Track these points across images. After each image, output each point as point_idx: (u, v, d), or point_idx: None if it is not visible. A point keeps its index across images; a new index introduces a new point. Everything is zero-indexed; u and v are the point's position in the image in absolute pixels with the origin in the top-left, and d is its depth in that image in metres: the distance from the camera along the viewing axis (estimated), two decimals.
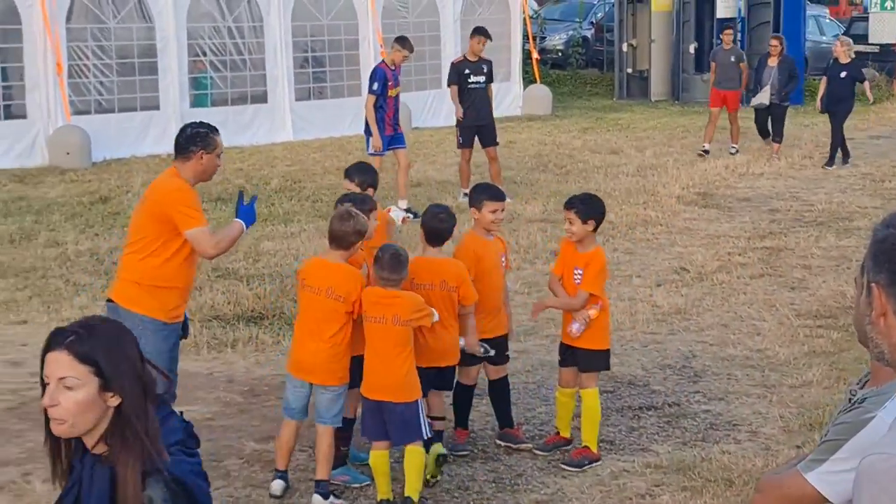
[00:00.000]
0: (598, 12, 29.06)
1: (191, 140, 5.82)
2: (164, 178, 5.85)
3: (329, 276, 5.77)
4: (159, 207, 5.69)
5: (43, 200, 13.31)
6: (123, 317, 5.56)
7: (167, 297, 5.74)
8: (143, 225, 5.71)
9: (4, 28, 15.44)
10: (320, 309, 5.74)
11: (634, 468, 6.23)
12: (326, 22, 18.51)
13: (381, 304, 5.67)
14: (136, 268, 5.72)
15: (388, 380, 5.68)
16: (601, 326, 6.39)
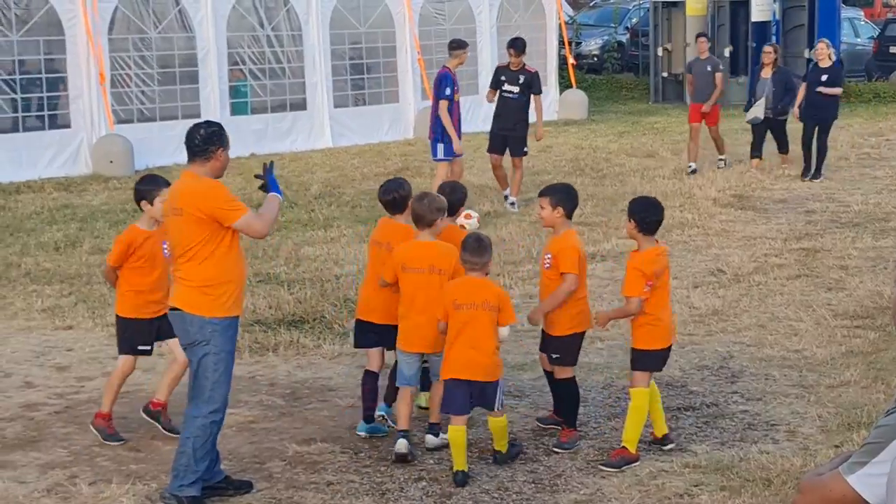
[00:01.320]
0: (633, 17, 29.03)
1: (209, 140, 5.85)
2: (190, 184, 5.84)
3: (428, 254, 6.41)
4: (202, 213, 5.74)
5: (87, 208, 13.51)
6: (190, 322, 5.76)
7: (227, 293, 5.85)
8: (189, 234, 5.76)
9: (48, 39, 15.70)
10: (428, 285, 6.37)
11: (673, 468, 6.25)
12: (364, 30, 18.66)
13: (472, 291, 6.16)
14: (198, 273, 5.78)
15: (479, 361, 6.17)
16: (649, 326, 6.44)
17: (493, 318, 6.15)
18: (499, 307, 6.16)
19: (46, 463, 6.46)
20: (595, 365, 7.96)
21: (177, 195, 5.86)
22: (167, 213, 5.96)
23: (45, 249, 11.51)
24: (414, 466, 6.33)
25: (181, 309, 5.79)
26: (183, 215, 5.75)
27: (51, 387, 7.72)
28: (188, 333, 5.80)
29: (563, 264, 6.49)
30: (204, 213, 5.72)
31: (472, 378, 6.16)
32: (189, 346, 5.84)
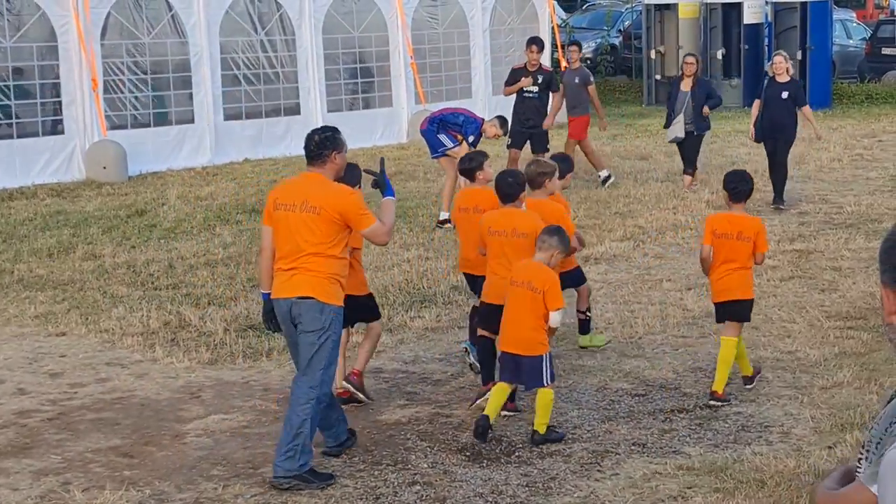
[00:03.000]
0: (626, 20, 29.07)
1: (322, 145, 6.27)
2: (326, 186, 6.24)
3: (541, 212, 7.23)
4: (338, 215, 6.15)
5: (80, 214, 13.51)
6: (319, 309, 6.13)
7: (342, 286, 6.32)
8: (323, 231, 6.14)
9: (41, 46, 15.69)
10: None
11: (667, 470, 6.26)
12: (357, 34, 18.67)
13: (525, 272, 6.69)
14: (327, 266, 6.17)
15: (519, 336, 6.66)
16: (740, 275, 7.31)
17: (539, 298, 6.62)
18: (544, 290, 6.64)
19: (40, 470, 6.46)
20: (589, 368, 7.97)
21: (311, 194, 6.18)
22: (290, 207, 6.21)
23: (39, 256, 11.50)
24: (408, 470, 6.34)
25: (315, 297, 6.13)
26: (320, 214, 6.14)
27: (44, 393, 7.72)
28: (317, 320, 6.14)
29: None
30: (340, 215, 6.14)
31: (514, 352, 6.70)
32: (312, 332, 6.14)
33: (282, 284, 6.23)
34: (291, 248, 6.20)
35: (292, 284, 6.18)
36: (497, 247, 7.15)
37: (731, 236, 7.27)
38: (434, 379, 7.85)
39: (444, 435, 6.85)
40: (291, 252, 6.20)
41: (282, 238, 6.25)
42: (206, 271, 10.76)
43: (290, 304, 6.18)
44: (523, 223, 7.10)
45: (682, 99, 13.97)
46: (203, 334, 8.86)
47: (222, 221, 13.02)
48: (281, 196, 6.33)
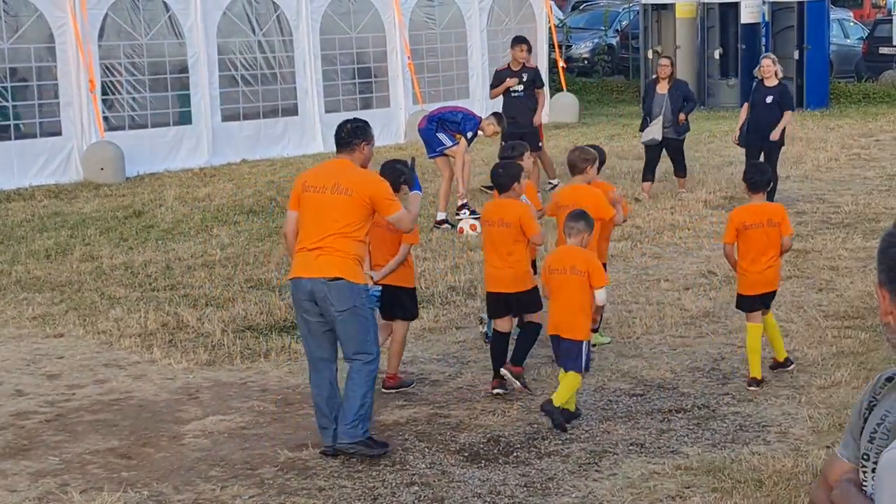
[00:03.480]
0: (623, 20, 29.10)
1: (353, 134, 6.58)
2: (358, 172, 6.54)
3: (580, 196, 7.79)
4: (368, 199, 6.42)
5: (78, 215, 13.51)
6: (349, 289, 6.38)
7: (363, 266, 6.66)
8: (353, 213, 6.40)
9: (38, 47, 15.69)
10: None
11: (665, 470, 6.27)
12: (355, 35, 18.68)
13: (566, 257, 7.03)
14: (352, 247, 6.42)
15: (564, 320, 6.95)
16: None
17: (582, 281, 6.96)
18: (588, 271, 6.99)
19: (38, 471, 6.47)
20: None
21: (343, 178, 6.46)
22: (320, 189, 6.46)
23: (36, 257, 11.50)
24: (406, 471, 6.35)
25: (344, 278, 6.36)
26: (351, 196, 6.39)
27: (42, 395, 7.72)
28: (349, 299, 6.38)
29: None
30: (369, 199, 6.42)
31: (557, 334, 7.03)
32: (347, 310, 6.38)
33: (306, 264, 6.42)
34: (318, 229, 6.40)
35: (318, 265, 6.37)
36: (488, 237, 7.53)
37: (762, 224, 7.60)
38: (432, 379, 7.86)
39: (441, 435, 6.85)
40: (317, 232, 6.40)
41: (309, 218, 6.46)
42: (203, 272, 10.77)
43: (313, 284, 6.36)
44: (508, 213, 7.38)
45: (660, 102, 13.65)
46: (201, 335, 8.87)
47: (220, 222, 13.03)
48: (310, 179, 6.58)
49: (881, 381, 2.86)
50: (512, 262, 7.40)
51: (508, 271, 7.40)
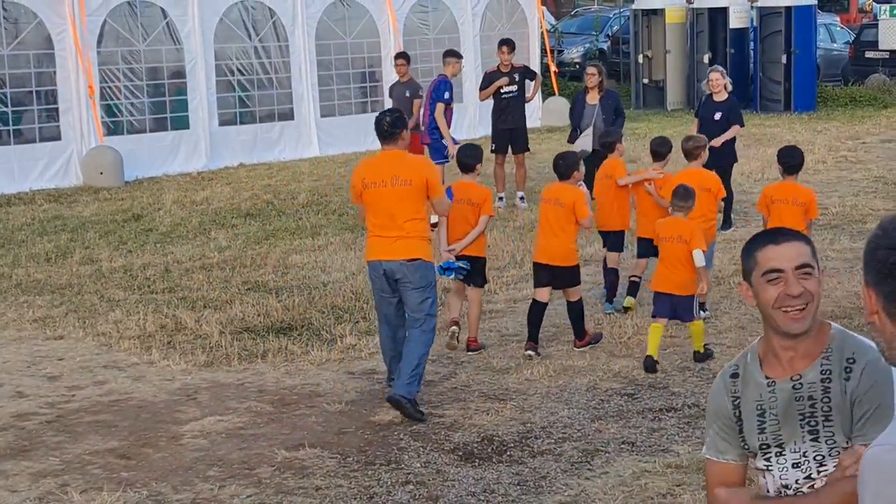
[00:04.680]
0: (614, 25, 29.21)
1: (393, 125, 7.19)
2: (406, 160, 7.24)
3: (696, 178, 8.92)
4: (423, 183, 7.13)
5: (78, 219, 13.60)
6: (424, 267, 7.19)
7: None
8: (416, 199, 7.14)
9: (38, 53, 15.79)
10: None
11: (656, 468, 6.34)
12: (350, 40, 18.79)
13: (672, 226, 8.17)
14: (422, 229, 7.20)
15: (677, 280, 8.05)
16: None
17: (686, 249, 8.03)
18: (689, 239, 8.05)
19: (38, 472, 6.53)
20: (579, 368, 8.07)
21: (400, 169, 7.12)
22: (381, 184, 7.10)
23: (36, 260, 11.59)
24: (401, 470, 6.43)
25: (422, 258, 7.15)
26: (412, 184, 7.08)
27: (42, 396, 7.80)
28: (425, 277, 7.20)
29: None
30: (426, 182, 7.15)
31: (672, 292, 8.09)
32: (423, 287, 7.17)
33: (382, 248, 7.16)
34: (390, 218, 7.10)
35: (396, 248, 7.12)
36: (544, 214, 8.42)
37: (787, 202, 8.55)
38: (426, 380, 7.90)
39: (436, 435, 6.93)
40: (389, 222, 7.11)
41: (379, 210, 7.15)
42: (201, 275, 10.86)
43: (390, 266, 7.13)
44: (565, 196, 8.33)
45: (590, 113, 12.85)
46: (199, 337, 8.95)
47: (217, 226, 13.12)
48: (368, 175, 7.21)
49: (727, 379, 3.15)
50: (562, 239, 8.25)
51: (557, 247, 8.24)
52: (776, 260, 3.01)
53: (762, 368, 3.10)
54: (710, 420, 3.22)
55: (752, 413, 3.11)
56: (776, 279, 3.00)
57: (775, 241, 3.05)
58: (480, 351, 8.44)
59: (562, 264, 8.28)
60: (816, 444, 3.04)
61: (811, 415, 3.03)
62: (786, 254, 3.01)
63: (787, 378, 3.05)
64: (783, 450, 3.09)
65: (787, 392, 3.05)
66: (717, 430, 3.19)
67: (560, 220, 8.27)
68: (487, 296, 9.90)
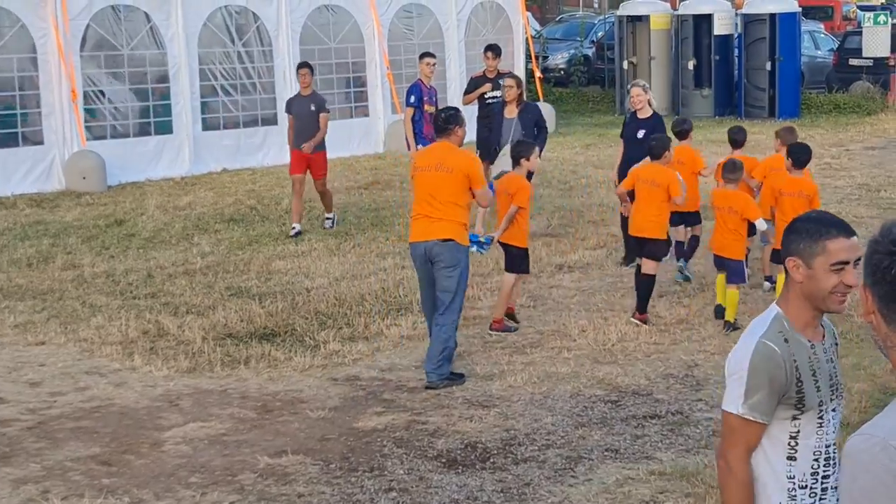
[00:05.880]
0: (599, 31, 29.29)
1: (448, 121, 8.02)
2: (456, 152, 7.99)
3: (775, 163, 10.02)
4: (465, 174, 7.83)
5: (60, 224, 13.55)
6: (458, 249, 7.83)
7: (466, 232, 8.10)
8: (455, 187, 7.83)
9: (20, 57, 15.73)
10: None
11: (639, 475, 6.36)
12: (334, 45, 18.78)
13: (724, 198, 9.25)
14: (459, 215, 7.85)
15: (726, 244, 9.12)
16: None
17: (738, 219, 9.12)
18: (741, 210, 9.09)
19: (19, 478, 6.50)
20: (562, 375, 8.08)
21: (445, 158, 7.89)
22: (427, 169, 7.89)
23: (18, 265, 11.54)
24: (384, 477, 6.43)
25: (454, 240, 7.82)
26: (452, 173, 7.81)
27: (23, 402, 7.76)
28: (456, 258, 7.83)
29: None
30: (466, 175, 7.85)
31: (723, 255, 9.18)
32: (452, 266, 7.81)
33: (421, 230, 7.88)
34: (431, 201, 7.83)
35: (432, 229, 7.81)
36: (640, 193, 9.40)
37: (794, 194, 9.23)
38: (410, 386, 7.94)
39: (419, 442, 6.93)
40: (431, 203, 7.83)
41: (423, 192, 7.88)
42: (184, 280, 10.83)
43: (428, 246, 7.81)
44: (660, 176, 9.32)
45: (508, 128, 11.82)
46: (181, 343, 8.93)
47: (200, 231, 13.09)
48: (419, 161, 8.08)
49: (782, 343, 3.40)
50: (655, 214, 9.24)
51: (650, 221, 9.24)
52: (845, 252, 3.34)
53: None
54: (759, 382, 3.36)
55: (808, 373, 3.39)
56: (840, 269, 3.34)
57: (847, 235, 3.36)
58: (505, 332, 8.93)
59: (651, 236, 9.29)
60: (840, 399, 3.48)
61: (835, 374, 3.45)
62: (852, 247, 3.36)
63: (820, 343, 3.45)
64: (827, 406, 3.42)
65: (824, 353, 3.44)
66: (768, 392, 3.37)
67: (655, 199, 9.25)
68: (471, 302, 9.91)
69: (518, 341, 8.74)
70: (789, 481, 3.41)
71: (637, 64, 23.84)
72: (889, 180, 15.74)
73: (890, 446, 2.23)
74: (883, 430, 2.26)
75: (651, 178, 9.33)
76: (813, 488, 3.42)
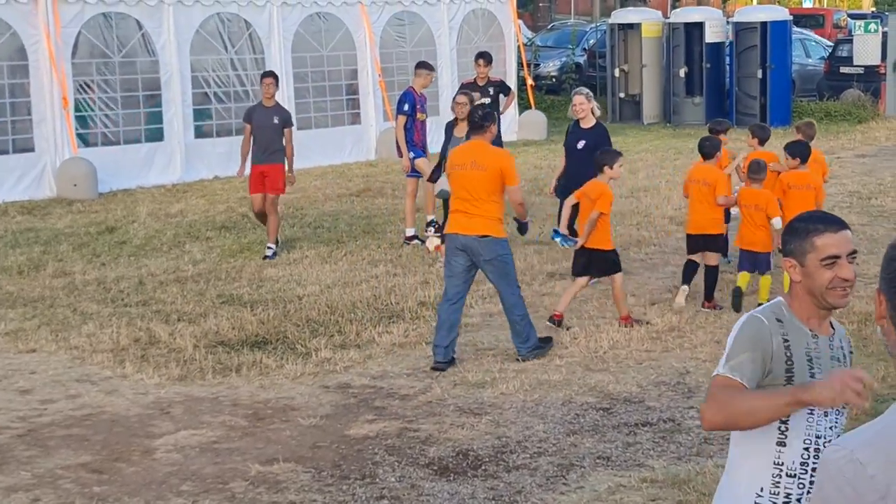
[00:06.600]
0: (591, 39, 29.35)
1: (484, 118, 8.46)
2: (491, 150, 8.42)
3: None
4: (499, 171, 8.23)
5: (51, 231, 13.52)
6: (496, 243, 8.28)
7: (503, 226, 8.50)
8: (491, 184, 8.22)
9: (11, 64, 15.71)
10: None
11: (631, 483, 6.36)
12: (326, 53, 18.79)
13: (750, 196, 9.74)
14: (496, 211, 8.27)
15: (756, 239, 9.72)
16: None
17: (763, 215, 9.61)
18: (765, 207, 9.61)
19: (10, 486, 6.48)
20: (554, 382, 8.08)
21: (478, 156, 8.28)
22: (463, 167, 8.28)
23: (9, 273, 11.51)
24: (376, 484, 6.42)
25: (491, 235, 8.26)
26: (486, 171, 8.20)
27: (13, 410, 7.74)
28: (495, 251, 8.29)
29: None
30: (500, 171, 8.23)
31: (752, 249, 9.77)
32: (492, 260, 8.29)
33: (460, 223, 8.31)
34: (467, 197, 8.25)
35: (471, 224, 8.25)
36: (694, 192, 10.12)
37: (801, 187, 9.90)
38: (402, 394, 7.94)
39: (411, 449, 6.92)
40: (468, 200, 8.25)
41: (460, 189, 8.30)
42: (175, 288, 10.82)
43: (468, 240, 8.25)
44: (710, 176, 9.97)
45: (455, 146, 10.35)
46: (173, 350, 8.92)
47: (192, 238, 13.08)
48: (455, 159, 8.46)
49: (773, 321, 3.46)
50: (709, 212, 9.91)
51: (705, 219, 9.92)
52: (835, 247, 3.39)
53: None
54: (743, 346, 3.42)
55: (802, 357, 3.44)
56: (832, 264, 3.38)
57: (833, 229, 3.39)
58: (634, 325, 9.28)
59: (708, 232, 9.95)
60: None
61: None
62: (842, 241, 3.40)
63: (826, 336, 3.49)
64: None
65: (827, 348, 3.48)
66: (751, 357, 3.41)
67: (707, 197, 9.89)
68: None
69: (510, 349, 8.74)
70: (776, 467, 3.43)
71: (629, 72, 23.90)
72: (880, 188, 15.80)
73: (855, 459, 2.25)
74: (853, 443, 2.30)
75: (702, 178, 10.00)
76: (802, 478, 3.42)
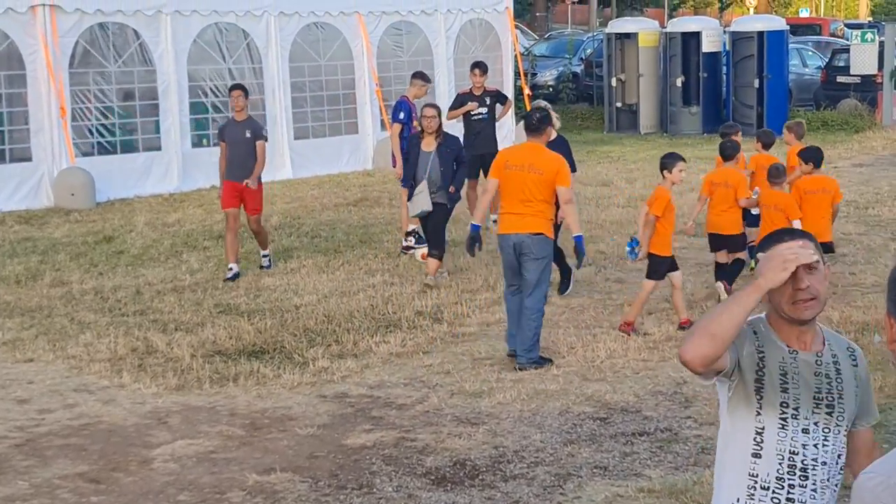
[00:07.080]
0: (588, 48, 29.42)
1: (541, 121, 8.71)
2: (541, 153, 8.61)
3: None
4: (553, 174, 8.48)
5: (48, 241, 13.53)
6: (546, 242, 8.54)
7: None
8: (546, 186, 8.48)
9: (9, 74, 15.73)
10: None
11: (628, 493, 6.36)
12: (323, 63, 18.82)
13: (770, 197, 10.07)
14: (548, 212, 8.55)
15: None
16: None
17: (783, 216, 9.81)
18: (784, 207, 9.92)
19: (7, 496, 6.48)
20: (551, 392, 8.09)
21: (535, 160, 8.52)
22: (520, 168, 8.50)
23: (6, 282, 11.51)
24: (373, 494, 6.43)
25: (544, 234, 8.54)
26: (542, 175, 8.47)
27: (11, 420, 7.74)
28: (544, 249, 8.53)
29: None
30: (555, 174, 8.50)
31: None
32: (541, 258, 8.50)
33: (512, 223, 8.53)
34: (521, 198, 8.47)
35: (524, 223, 8.48)
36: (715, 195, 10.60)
37: (817, 191, 10.21)
38: (399, 404, 7.95)
39: (408, 459, 6.93)
40: (522, 201, 8.47)
41: (512, 189, 8.52)
42: (173, 297, 10.82)
43: (518, 238, 8.46)
44: (731, 178, 10.43)
45: (425, 162, 11.18)
46: (170, 360, 8.92)
47: (189, 248, 13.09)
48: (511, 159, 8.65)
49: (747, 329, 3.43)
50: (729, 213, 10.33)
51: (726, 220, 10.37)
52: None
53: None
54: None
55: (774, 371, 3.41)
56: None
57: (781, 241, 3.37)
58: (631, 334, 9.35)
59: (729, 233, 10.39)
60: (830, 417, 3.41)
61: (828, 391, 3.41)
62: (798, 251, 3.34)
63: (810, 353, 3.42)
64: (798, 413, 3.39)
65: (810, 365, 3.41)
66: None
67: (728, 199, 10.31)
68: (459, 318, 9.94)
69: (507, 359, 8.75)
70: (751, 478, 3.42)
71: (626, 81, 23.95)
72: (877, 197, 15.83)
73: (893, 484, 2.25)
74: (887, 469, 2.29)
75: (724, 181, 10.41)
76: (777, 493, 3.39)
